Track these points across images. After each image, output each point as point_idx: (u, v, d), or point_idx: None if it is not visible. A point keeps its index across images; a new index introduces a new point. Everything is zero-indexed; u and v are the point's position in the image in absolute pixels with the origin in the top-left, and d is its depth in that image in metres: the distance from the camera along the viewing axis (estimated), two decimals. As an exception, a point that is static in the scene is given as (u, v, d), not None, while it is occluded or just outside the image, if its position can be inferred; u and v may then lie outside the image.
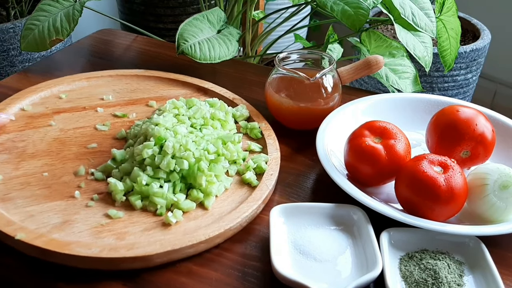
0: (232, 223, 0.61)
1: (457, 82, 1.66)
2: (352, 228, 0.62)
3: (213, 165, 0.67)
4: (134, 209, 0.63)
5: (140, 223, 0.61)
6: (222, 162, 0.69)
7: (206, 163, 0.66)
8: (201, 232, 0.60)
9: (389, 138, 0.66)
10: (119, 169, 0.67)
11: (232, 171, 0.70)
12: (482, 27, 1.72)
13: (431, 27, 0.96)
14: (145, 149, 0.66)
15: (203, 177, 0.65)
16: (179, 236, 0.59)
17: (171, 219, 0.61)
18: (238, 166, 0.70)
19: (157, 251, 0.57)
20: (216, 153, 0.69)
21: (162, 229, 0.61)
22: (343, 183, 0.65)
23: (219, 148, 0.69)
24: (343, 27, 0.98)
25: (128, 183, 0.65)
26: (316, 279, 0.55)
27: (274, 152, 0.73)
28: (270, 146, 0.74)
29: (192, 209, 0.64)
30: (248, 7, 1.22)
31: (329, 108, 0.78)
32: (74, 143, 0.73)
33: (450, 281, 0.56)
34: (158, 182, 0.64)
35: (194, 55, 0.87)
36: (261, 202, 0.65)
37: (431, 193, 0.60)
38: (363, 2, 0.93)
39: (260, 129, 0.77)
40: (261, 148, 0.75)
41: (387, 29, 1.76)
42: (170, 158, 0.65)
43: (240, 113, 0.80)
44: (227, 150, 0.70)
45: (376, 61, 0.83)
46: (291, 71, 0.77)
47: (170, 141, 0.66)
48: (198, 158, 0.66)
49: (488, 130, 0.68)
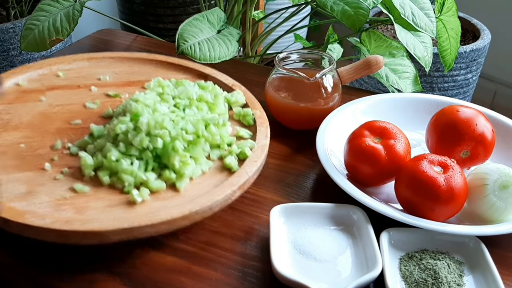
0: (199, 207, 0.58)
1: (457, 82, 1.66)
2: (352, 228, 0.62)
3: (192, 147, 0.64)
4: (102, 185, 0.61)
5: (104, 200, 0.59)
6: (202, 145, 0.65)
7: (182, 143, 0.64)
8: (164, 212, 0.57)
9: (389, 138, 0.66)
10: (94, 145, 0.65)
11: (214, 155, 0.67)
12: (482, 27, 1.72)
13: (431, 27, 0.96)
14: (119, 124, 0.64)
15: (177, 157, 0.62)
16: (141, 214, 0.57)
17: (136, 197, 0.59)
18: (222, 151, 0.67)
19: (112, 227, 0.54)
20: (195, 134, 0.66)
21: (126, 207, 0.58)
22: (343, 183, 0.65)
23: (198, 129, 0.66)
24: (343, 27, 0.98)
25: (99, 159, 0.63)
26: (316, 279, 0.55)
27: (263, 139, 0.70)
28: (260, 133, 0.71)
29: (161, 189, 0.61)
30: (248, 7, 1.22)
31: (329, 108, 0.78)
32: (59, 119, 0.72)
33: (450, 281, 0.56)
34: (129, 159, 0.62)
35: (194, 55, 0.87)
36: (237, 188, 0.62)
37: (431, 193, 0.60)
38: (363, 2, 0.93)
39: (253, 116, 0.74)
40: (250, 135, 0.71)
41: (387, 29, 1.76)
42: (144, 135, 0.63)
43: (235, 98, 0.76)
44: (209, 133, 0.67)
45: (376, 61, 0.83)
46: (291, 71, 0.77)
47: (145, 118, 0.63)
48: (174, 137, 0.63)
49: (488, 130, 0.68)
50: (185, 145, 0.64)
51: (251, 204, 0.67)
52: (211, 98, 0.74)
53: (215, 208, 0.60)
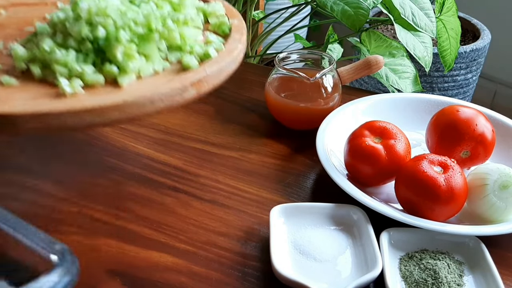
0: (135, 98, 0.51)
1: (457, 82, 1.66)
2: (352, 228, 0.62)
3: (142, 42, 0.56)
4: (34, 80, 0.55)
5: (31, 92, 0.52)
6: (156, 42, 0.58)
7: (129, 35, 0.56)
8: (91, 102, 0.50)
9: (389, 138, 0.66)
10: (33, 41, 0.59)
11: (172, 57, 0.59)
12: (482, 27, 1.72)
13: (431, 27, 0.96)
14: (58, 12, 0.57)
15: (120, 47, 0.54)
16: (66, 105, 0.50)
17: (65, 88, 0.51)
18: (183, 54, 0.59)
19: (24, 111, 0.47)
20: (147, 27, 0.57)
21: (53, 99, 0.51)
22: (343, 183, 0.65)
23: (151, 21, 0.57)
24: (343, 27, 0.98)
25: (34, 52, 0.56)
26: (316, 279, 0.55)
27: (233, 43, 0.62)
28: (233, 40, 0.62)
29: (98, 83, 0.54)
30: (248, 7, 1.22)
31: (329, 108, 0.78)
32: (12, 27, 0.65)
33: (450, 281, 0.56)
34: (66, 51, 0.55)
35: (194, 55, 0.86)
36: (189, 84, 0.54)
37: (431, 193, 0.60)
38: (363, 2, 0.93)
39: (230, 25, 0.65)
40: (222, 41, 0.63)
41: (387, 29, 1.76)
42: (84, 23, 0.55)
43: (212, 9, 0.68)
44: (165, 28, 0.59)
45: (376, 61, 0.83)
46: (291, 71, 0.77)
47: (85, 3, 0.56)
48: (119, 27, 0.55)
49: (488, 130, 0.68)
50: (134, 38, 0.56)
51: (251, 204, 0.67)
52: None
53: (158, 102, 0.52)
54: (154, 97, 0.51)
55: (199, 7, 0.67)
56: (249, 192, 0.69)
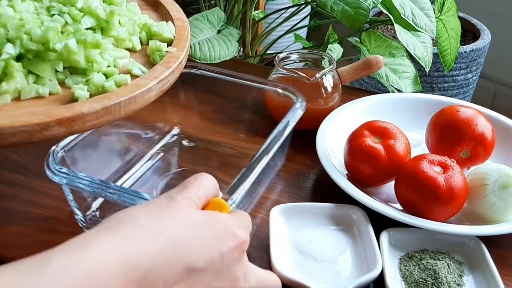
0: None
1: (457, 82, 1.66)
2: (352, 228, 0.62)
3: (35, 60, 0.50)
4: None
5: None
6: (53, 62, 0.51)
7: (19, 49, 0.49)
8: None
9: (389, 138, 0.66)
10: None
11: (70, 81, 0.52)
12: (482, 27, 1.72)
13: (431, 27, 0.96)
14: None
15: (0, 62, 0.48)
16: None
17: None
18: (85, 78, 0.52)
19: None
20: (43, 44, 0.50)
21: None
22: (343, 183, 0.65)
23: (49, 39, 0.50)
24: (343, 27, 0.98)
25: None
26: (316, 279, 0.55)
27: (148, 78, 0.54)
28: (153, 71, 0.55)
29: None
30: (248, 7, 1.22)
31: (329, 108, 0.78)
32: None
33: (450, 281, 0.56)
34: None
35: (194, 55, 0.87)
36: (53, 121, 0.46)
37: (431, 193, 0.60)
38: (363, 2, 0.93)
39: (165, 53, 0.58)
40: (144, 72, 0.55)
41: (387, 29, 1.76)
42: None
43: (159, 30, 0.61)
44: (66, 50, 0.51)
45: (376, 61, 0.83)
46: (291, 71, 0.77)
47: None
48: (11, 38, 0.49)
49: (488, 130, 0.68)
50: (29, 56, 0.50)
51: (251, 204, 0.67)
52: (103, 14, 0.56)
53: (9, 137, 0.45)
54: (4, 131, 0.45)
55: (144, 25, 0.62)
56: (249, 192, 0.69)
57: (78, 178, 0.54)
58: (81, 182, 0.54)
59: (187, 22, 0.65)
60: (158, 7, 0.68)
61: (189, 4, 1.78)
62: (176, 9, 0.67)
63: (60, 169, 0.55)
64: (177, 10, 0.67)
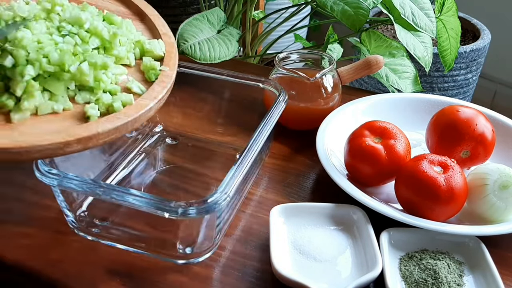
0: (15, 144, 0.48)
1: (457, 82, 1.66)
2: (352, 228, 0.62)
3: (51, 79, 0.54)
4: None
5: None
6: (66, 81, 0.55)
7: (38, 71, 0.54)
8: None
9: (389, 138, 0.66)
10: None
11: (79, 98, 0.56)
12: (482, 27, 1.72)
13: (431, 27, 0.96)
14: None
15: (21, 84, 0.52)
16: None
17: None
18: (93, 96, 0.57)
19: None
20: (59, 66, 0.55)
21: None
22: (343, 183, 0.65)
23: (65, 62, 0.54)
24: (343, 27, 0.98)
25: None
26: (316, 279, 0.55)
27: (148, 99, 0.58)
28: (152, 91, 0.59)
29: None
30: (248, 7, 1.22)
31: (329, 108, 0.78)
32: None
33: (450, 281, 0.56)
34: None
35: (194, 55, 0.87)
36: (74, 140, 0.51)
37: (431, 193, 0.60)
38: (363, 2, 0.93)
39: (159, 71, 0.62)
40: (143, 91, 0.60)
41: (387, 29, 1.76)
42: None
43: (152, 47, 0.64)
44: (79, 72, 0.56)
45: (376, 61, 0.83)
46: (291, 71, 0.77)
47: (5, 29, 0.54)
48: (31, 61, 0.53)
49: (488, 130, 0.68)
50: (45, 75, 0.55)
51: (251, 204, 0.67)
52: (106, 35, 0.61)
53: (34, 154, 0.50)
54: (33, 148, 0.50)
55: (137, 41, 0.65)
56: (249, 192, 0.69)
57: (68, 179, 0.54)
58: (72, 183, 0.54)
59: (173, 37, 0.69)
60: (143, 18, 0.71)
61: (189, 4, 1.78)
62: (161, 23, 0.70)
63: (50, 170, 0.55)
64: (163, 25, 0.70)
